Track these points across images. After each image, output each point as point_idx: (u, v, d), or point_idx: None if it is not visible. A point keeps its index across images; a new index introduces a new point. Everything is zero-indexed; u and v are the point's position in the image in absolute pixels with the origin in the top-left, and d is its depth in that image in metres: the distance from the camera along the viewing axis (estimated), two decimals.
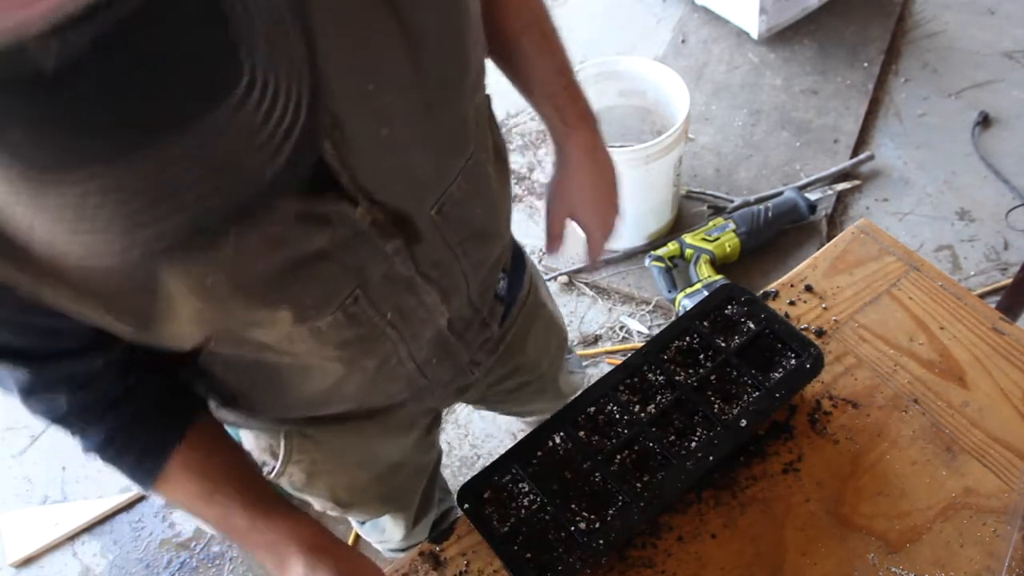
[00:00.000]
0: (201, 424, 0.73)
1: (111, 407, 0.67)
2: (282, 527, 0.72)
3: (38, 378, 0.62)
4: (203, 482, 0.71)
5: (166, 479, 0.70)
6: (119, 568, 1.89)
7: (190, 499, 0.72)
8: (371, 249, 0.64)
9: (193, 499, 0.72)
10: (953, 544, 0.83)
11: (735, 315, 0.96)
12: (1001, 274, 1.99)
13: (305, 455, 0.92)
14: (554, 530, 0.84)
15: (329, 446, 0.93)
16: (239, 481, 0.73)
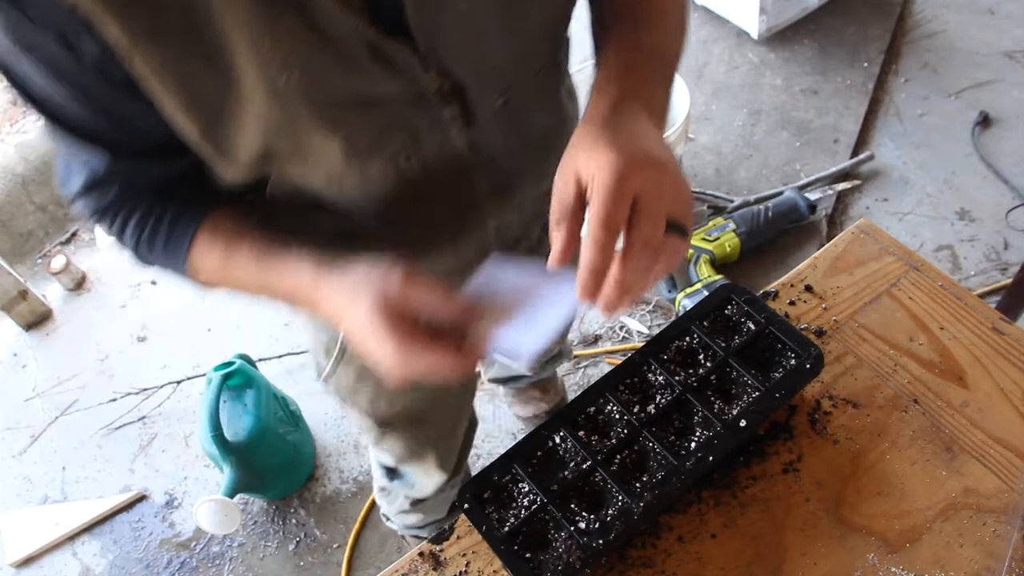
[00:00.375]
0: (226, 205, 0.74)
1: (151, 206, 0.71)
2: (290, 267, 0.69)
3: (108, 166, 0.65)
4: (225, 245, 0.71)
5: (192, 258, 0.71)
6: (119, 568, 1.89)
7: (215, 267, 0.72)
8: (430, 115, 0.66)
9: (218, 266, 0.72)
10: (953, 544, 0.83)
11: (735, 315, 0.96)
12: (1001, 274, 1.99)
13: (358, 353, 0.94)
14: (554, 530, 0.84)
15: None
16: (252, 241, 0.71)
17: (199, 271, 0.73)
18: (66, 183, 0.70)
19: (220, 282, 0.73)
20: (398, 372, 0.62)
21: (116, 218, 0.72)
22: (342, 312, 0.65)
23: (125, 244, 0.74)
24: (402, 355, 0.60)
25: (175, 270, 0.74)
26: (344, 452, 1.97)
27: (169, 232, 0.71)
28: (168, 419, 2.11)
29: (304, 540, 1.86)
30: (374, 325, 0.60)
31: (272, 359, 2.15)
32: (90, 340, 2.33)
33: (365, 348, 0.63)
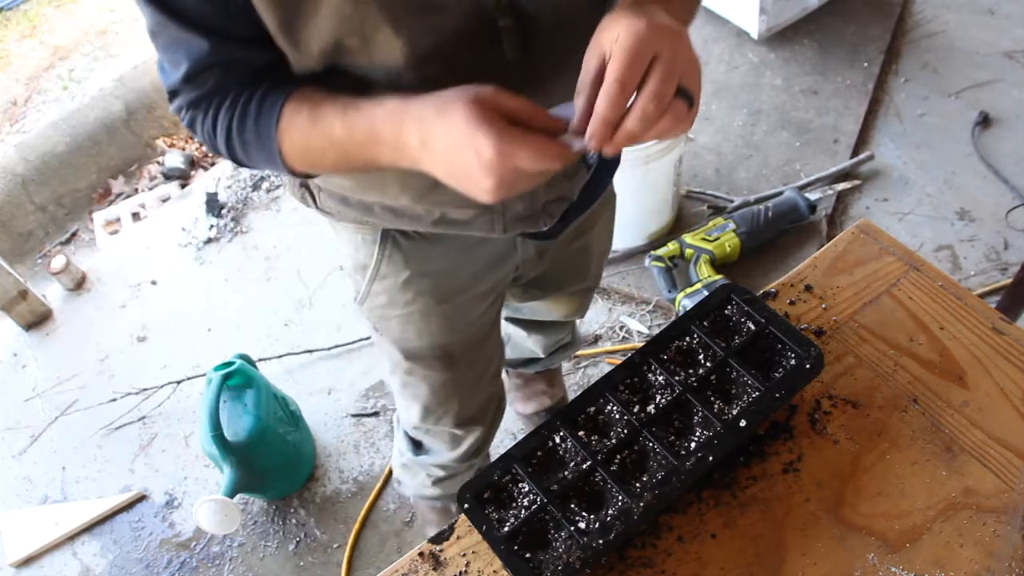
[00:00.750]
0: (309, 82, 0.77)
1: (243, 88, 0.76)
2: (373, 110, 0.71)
3: (211, 52, 0.71)
4: (308, 110, 0.74)
5: (281, 124, 0.75)
6: (119, 568, 1.89)
7: (304, 133, 0.74)
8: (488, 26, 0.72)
9: (305, 131, 0.74)
10: (953, 544, 0.83)
11: (735, 315, 0.96)
12: (1001, 274, 1.99)
13: (390, 272, 1.01)
14: (554, 530, 0.84)
15: (414, 259, 1.00)
16: (334, 100, 0.74)
17: (288, 141, 0.76)
18: (169, 75, 0.75)
19: (307, 147, 0.76)
20: (499, 163, 0.62)
21: (210, 107, 0.77)
22: (430, 126, 0.66)
23: (217, 134, 0.78)
24: (504, 142, 0.61)
25: (265, 147, 0.77)
26: (344, 452, 1.97)
27: (260, 106, 0.75)
28: (168, 419, 2.11)
29: (304, 540, 1.86)
30: (471, 120, 0.62)
31: (272, 359, 2.15)
32: (90, 340, 2.33)
33: (458, 159, 0.65)
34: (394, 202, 0.91)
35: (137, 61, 3.04)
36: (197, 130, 0.80)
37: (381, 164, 0.73)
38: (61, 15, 3.51)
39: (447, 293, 1.06)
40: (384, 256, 1.01)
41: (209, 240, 2.50)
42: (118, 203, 2.78)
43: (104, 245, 2.63)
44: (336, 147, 0.74)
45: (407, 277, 1.02)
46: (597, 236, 1.24)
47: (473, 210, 0.91)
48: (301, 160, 0.77)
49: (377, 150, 0.71)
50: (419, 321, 1.08)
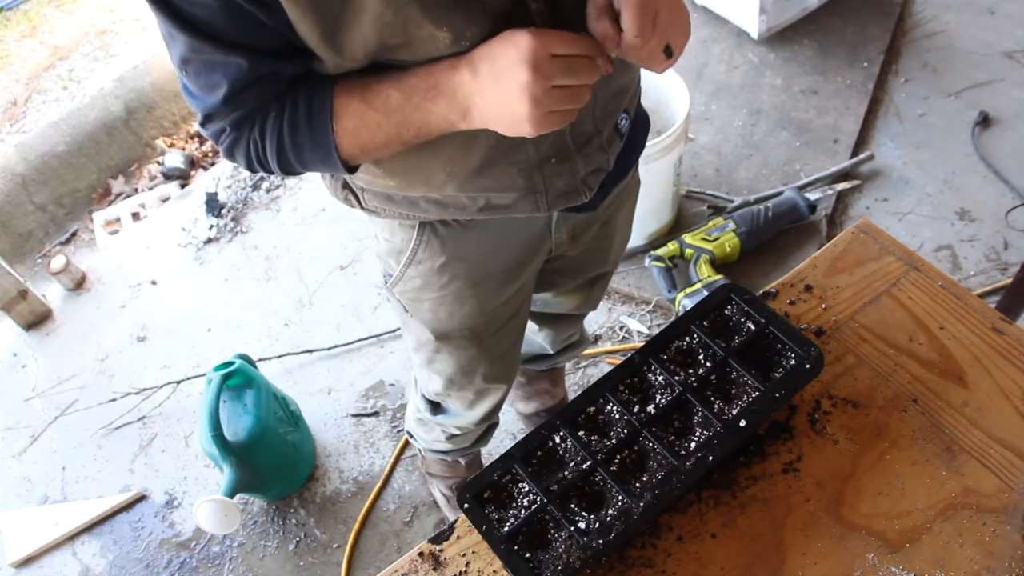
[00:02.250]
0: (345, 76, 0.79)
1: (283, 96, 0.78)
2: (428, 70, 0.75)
3: (249, 70, 0.73)
4: (359, 92, 0.77)
5: (336, 113, 0.77)
6: (119, 568, 1.89)
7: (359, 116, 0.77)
8: (521, 10, 0.74)
9: (360, 113, 0.77)
10: (953, 544, 0.83)
11: (735, 315, 0.96)
12: (1001, 274, 1.99)
13: (427, 257, 1.03)
14: (554, 530, 0.84)
15: (452, 245, 1.02)
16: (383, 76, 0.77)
17: (342, 130, 0.78)
18: (205, 99, 0.76)
19: (362, 127, 0.78)
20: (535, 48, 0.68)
21: (255, 123, 0.79)
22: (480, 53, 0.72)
23: (266, 147, 0.80)
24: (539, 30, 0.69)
25: (321, 145, 0.79)
26: (344, 452, 1.97)
27: (309, 106, 0.78)
28: (168, 419, 2.11)
29: (304, 540, 1.86)
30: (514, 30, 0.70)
31: (272, 359, 2.15)
32: (90, 340, 2.33)
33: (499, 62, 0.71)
34: (439, 193, 0.92)
35: (137, 61, 3.04)
36: (240, 150, 0.81)
37: (435, 124, 0.77)
38: (61, 15, 3.51)
39: (482, 276, 1.08)
40: (422, 242, 1.02)
41: (209, 240, 2.50)
42: (118, 203, 2.79)
43: (104, 245, 2.63)
44: (393, 116, 0.76)
45: (444, 262, 1.04)
46: (621, 222, 1.26)
47: (517, 192, 0.93)
48: (356, 145, 0.80)
49: (433, 106, 0.75)
50: (452, 303, 1.09)
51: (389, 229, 1.05)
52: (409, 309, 1.14)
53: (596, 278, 1.37)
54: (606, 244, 1.27)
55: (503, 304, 1.15)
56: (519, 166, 0.90)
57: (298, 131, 0.79)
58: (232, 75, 0.73)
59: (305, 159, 0.82)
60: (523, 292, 1.18)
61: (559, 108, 0.73)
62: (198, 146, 2.95)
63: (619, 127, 0.98)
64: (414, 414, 1.50)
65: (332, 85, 0.77)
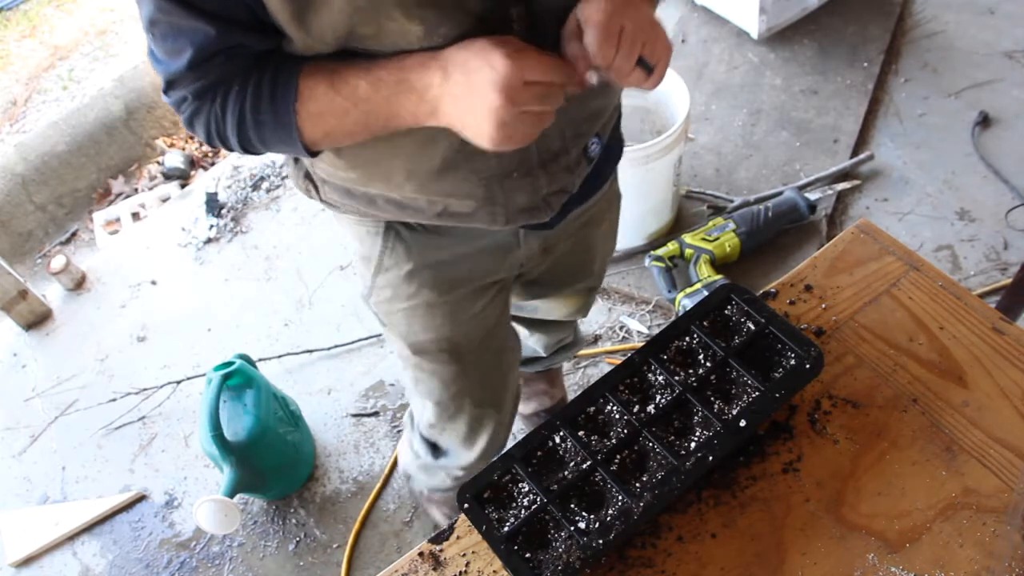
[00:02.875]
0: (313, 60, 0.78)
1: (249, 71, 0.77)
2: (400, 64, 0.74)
3: (216, 39, 0.71)
4: (326, 78, 0.75)
5: (301, 96, 0.76)
6: (119, 568, 1.89)
7: (325, 103, 0.76)
8: (501, 11, 0.73)
9: (327, 100, 0.76)
10: (953, 544, 0.83)
11: (735, 315, 0.96)
12: (1001, 274, 1.99)
13: (393, 264, 1.02)
14: (554, 530, 0.84)
15: (417, 251, 1.01)
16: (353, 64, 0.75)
17: (305, 113, 0.76)
18: (169, 64, 0.74)
19: (327, 113, 0.76)
20: (510, 72, 0.68)
21: (217, 95, 0.77)
22: (453, 57, 0.71)
23: (227, 120, 0.78)
24: (517, 52, 0.68)
25: (283, 125, 0.77)
26: (344, 452, 1.97)
27: (273, 84, 0.76)
28: (168, 419, 2.11)
29: (304, 540, 1.86)
30: (491, 41, 0.69)
31: (272, 359, 2.15)
32: (90, 340, 2.33)
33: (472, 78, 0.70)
34: (398, 193, 0.91)
35: (137, 61, 3.04)
36: (200, 120, 0.79)
37: (402, 119, 0.76)
38: (61, 15, 3.51)
39: (450, 285, 1.06)
40: (387, 248, 1.01)
41: (209, 240, 2.50)
42: (118, 203, 2.79)
43: (104, 245, 2.63)
44: (360, 106, 0.75)
45: (410, 269, 1.03)
46: (602, 236, 1.24)
47: (475, 202, 0.91)
48: (319, 130, 0.78)
49: (402, 101, 0.74)
50: (424, 315, 1.08)
51: (358, 236, 1.04)
52: (385, 322, 1.13)
53: (582, 289, 1.36)
54: (586, 259, 1.26)
55: (477, 316, 1.13)
56: (480, 175, 0.88)
57: (260, 108, 0.77)
58: (198, 42, 0.71)
59: (266, 138, 0.80)
60: (497, 305, 1.16)
61: (522, 131, 0.72)
62: (198, 146, 2.95)
63: (588, 150, 0.96)
64: (414, 460, 1.46)
65: (300, 66, 0.76)
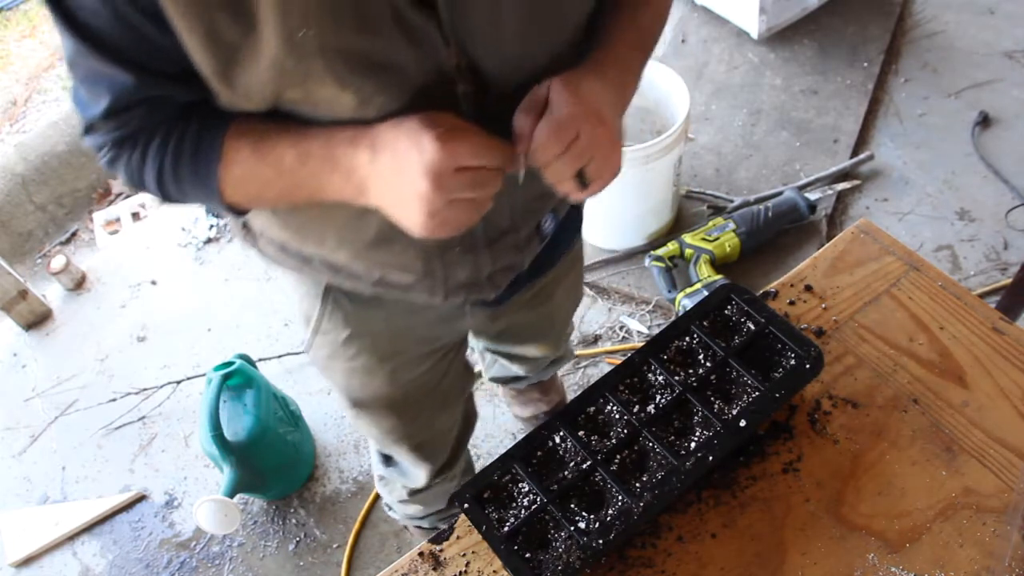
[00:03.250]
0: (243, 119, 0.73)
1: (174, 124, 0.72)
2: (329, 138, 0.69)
3: (135, 89, 0.65)
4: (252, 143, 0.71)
5: (225, 160, 0.71)
6: (119, 568, 1.89)
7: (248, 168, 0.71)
8: (444, 88, 0.68)
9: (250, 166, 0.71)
10: (953, 544, 0.83)
11: (735, 315, 0.96)
12: (1001, 274, 1.99)
13: (331, 328, 0.98)
14: (554, 530, 0.84)
15: (355, 319, 0.97)
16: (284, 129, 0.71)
17: (228, 176, 0.72)
18: (87, 107, 0.69)
19: (251, 179, 0.72)
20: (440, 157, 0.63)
21: (137, 146, 0.71)
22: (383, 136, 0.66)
23: (146, 173, 0.73)
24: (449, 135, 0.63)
25: (204, 185, 0.73)
26: (344, 452, 1.97)
27: (196, 143, 0.71)
28: (168, 419, 2.11)
29: (304, 540, 1.86)
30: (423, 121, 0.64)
31: (272, 359, 2.15)
32: (90, 340, 2.33)
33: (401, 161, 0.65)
34: (332, 257, 0.87)
35: None
36: (119, 169, 0.74)
37: (329, 194, 0.71)
38: None
39: (391, 352, 1.03)
40: (326, 311, 0.97)
41: (209, 240, 2.50)
42: (118, 203, 2.78)
43: (104, 245, 2.63)
44: (285, 177, 0.71)
45: (348, 335, 0.99)
46: (559, 301, 1.18)
47: (413, 275, 0.87)
48: (241, 194, 0.74)
49: (329, 178, 0.69)
50: (363, 376, 1.05)
51: (298, 293, 0.99)
52: (324, 375, 1.09)
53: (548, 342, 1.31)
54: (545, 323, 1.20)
55: (420, 377, 1.09)
56: (417, 248, 0.83)
57: (181, 165, 0.72)
58: (116, 90, 0.66)
59: (187, 194, 0.75)
60: (442, 366, 1.12)
61: (455, 219, 0.67)
62: None
63: (541, 228, 0.91)
64: (375, 469, 1.42)
65: (227, 125, 0.71)
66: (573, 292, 1.24)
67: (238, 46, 0.61)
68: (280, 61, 0.61)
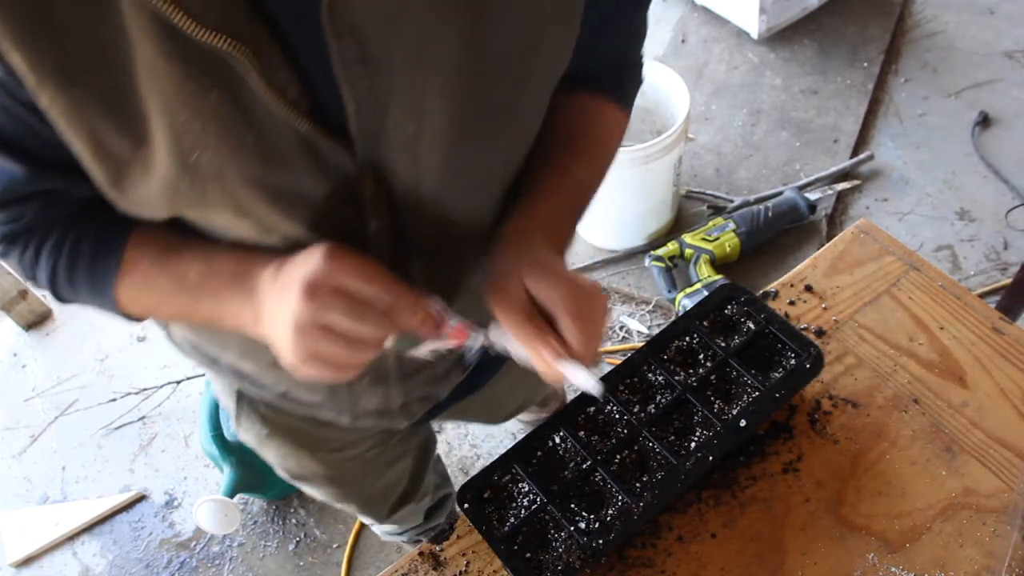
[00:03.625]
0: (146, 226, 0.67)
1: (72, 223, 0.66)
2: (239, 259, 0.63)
3: (27, 181, 0.59)
4: (157, 251, 0.65)
5: (124, 268, 0.65)
6: (119, 568, 1.89)
7: (148, 279, 0.65)
8: (357, 220, 0.61)
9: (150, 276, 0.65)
10: (953, 544, 0.83)
11: (735, 315, 0.96)
12: (1001, 274, 1.99)
13: (251, 426, 0.93)
14: (554, 530, 0.84)
15: (272, 420, 0.92)
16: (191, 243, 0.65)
17: (125, 288, 0.66)
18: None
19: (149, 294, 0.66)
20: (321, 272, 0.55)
21: (30, 243, 0.65)
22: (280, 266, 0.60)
23: (39, 272, 0.66)
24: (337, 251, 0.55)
25: (100, 293, 0.67)
26: None
27: (94, 250, 0.65)
28: (168, 419, 2.11)
29: (304, 540, 1.86)
30: (319, 247, 0.56)
31: None
32: (90, 340, 2.33)
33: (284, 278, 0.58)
34: (237, 364, 0.81)
35: None
36: (11, 262, 0.68)
37: (227, 319, 0.65)
38: None
39: (318, 443, 0.97)
40: (243, 411, 0.92)
41: None
42: None
43: None
44: (184, 294, 0.65)
45: (268, 433, 0.94)
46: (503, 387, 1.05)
47: (319, 395, 0.81)
48: (140, 306, 0.68)
49: (230, 296, 0.63)
50: (294, 460, 0.98)
51: (215, 385, 0.94)
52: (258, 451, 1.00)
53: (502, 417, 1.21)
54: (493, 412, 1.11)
55: (360, 455, 1.01)
56: None
57: (76, 271, 0.66)
58: (5, 181, 0.58)
59: (81, 298, 0.69)
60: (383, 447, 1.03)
61: (328, 356, 0.56)
62: None
63: (464, 359, 0.83)
64: None
65: (128, 230, 0.65)
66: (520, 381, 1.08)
67: (128, 160, 0.54)
68: (173, 182, 0.54)
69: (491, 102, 0.58)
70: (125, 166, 0.54)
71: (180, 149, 0.52)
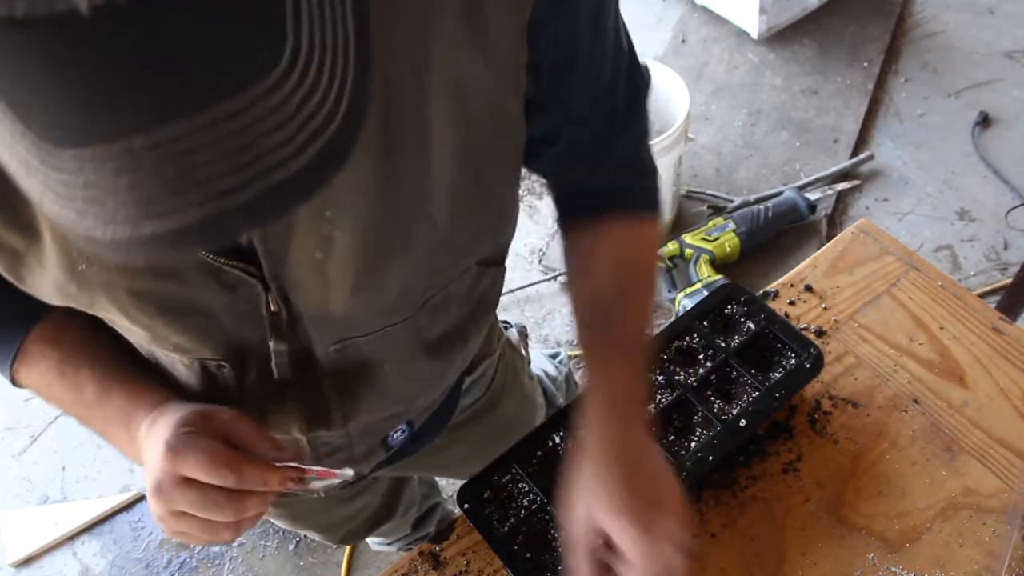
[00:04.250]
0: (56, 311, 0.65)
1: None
2: (132, 392, 0.64)
3: None
4: (58, 357, 0.65)
5: (25, 359, 0.65)
6: (119, 568, 1.89)
7: (46, 380, 0.66)
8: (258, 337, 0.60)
9: (48, 378, 0.66)
10: (953, 544, 0.83)
11: (735, 315, 0.96)
12: (1001, 274, 1.99)
13: None
14: (554, 530, 0.84)
15: None
16: (93, 355, 0.66)
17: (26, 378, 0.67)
18: None
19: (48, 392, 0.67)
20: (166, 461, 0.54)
21: None
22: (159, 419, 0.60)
23: None
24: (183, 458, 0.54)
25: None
26: None
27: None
28: None
29: (304, 540, 1.86)
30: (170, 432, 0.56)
31: None
32: None
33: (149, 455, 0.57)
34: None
35: None
36: None
37: (117, 446, 0.66)
38: None
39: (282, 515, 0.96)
40: None
41: None
42: None
43: None
44: (78, 407, 0.66)
45: None
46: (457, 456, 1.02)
47: None
48: (40, 394, 0.68)
49: (117, 430, 0.64)
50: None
51: None
52: None
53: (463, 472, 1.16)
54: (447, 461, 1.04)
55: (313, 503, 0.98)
56: None
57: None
58: None
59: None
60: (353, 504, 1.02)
61: (189, 533, 0.58)
62: None
63: (388, 440, 0.80)
64: None
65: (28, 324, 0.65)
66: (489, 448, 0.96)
67: (22, 252, 0.53)
68: (62, 285, 0.54)
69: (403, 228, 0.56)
70: (20, 257, 0.54)
71: (68, 258, 0.52)
